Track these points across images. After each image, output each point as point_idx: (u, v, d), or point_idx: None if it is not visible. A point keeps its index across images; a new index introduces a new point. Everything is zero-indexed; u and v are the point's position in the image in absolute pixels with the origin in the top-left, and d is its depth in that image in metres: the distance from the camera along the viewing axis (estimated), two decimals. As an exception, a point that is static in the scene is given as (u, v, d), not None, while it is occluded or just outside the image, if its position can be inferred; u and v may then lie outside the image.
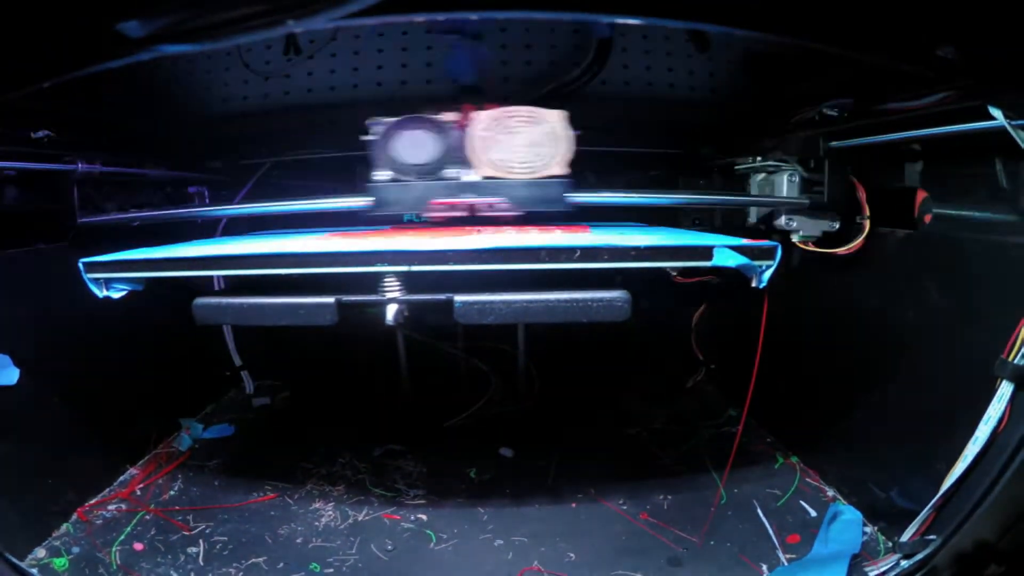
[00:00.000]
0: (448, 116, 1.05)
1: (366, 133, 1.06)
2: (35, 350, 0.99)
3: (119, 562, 1.00)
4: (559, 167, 1.04)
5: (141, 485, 1.23)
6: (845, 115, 1.04)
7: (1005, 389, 0.77)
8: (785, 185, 1.18)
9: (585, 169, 1.73)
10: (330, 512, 1.16)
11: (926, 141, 0.93)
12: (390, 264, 0.83)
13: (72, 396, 1.13)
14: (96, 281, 0.89)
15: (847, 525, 1.04)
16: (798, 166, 1.16)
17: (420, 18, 0.93)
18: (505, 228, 1.12)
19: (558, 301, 0.83)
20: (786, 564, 0.98)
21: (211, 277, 0.96)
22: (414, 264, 0.83)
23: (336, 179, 1.56)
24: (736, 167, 1.33)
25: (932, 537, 0.84)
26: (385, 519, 1.14)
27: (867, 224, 1.08)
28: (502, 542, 1.06)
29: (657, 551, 1.03)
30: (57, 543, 1.03)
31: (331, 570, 1.00)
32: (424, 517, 1.14)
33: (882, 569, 0.90)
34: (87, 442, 1.17)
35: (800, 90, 1.10)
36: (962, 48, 0.64)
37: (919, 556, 0.84)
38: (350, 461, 1.34)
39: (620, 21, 1.05)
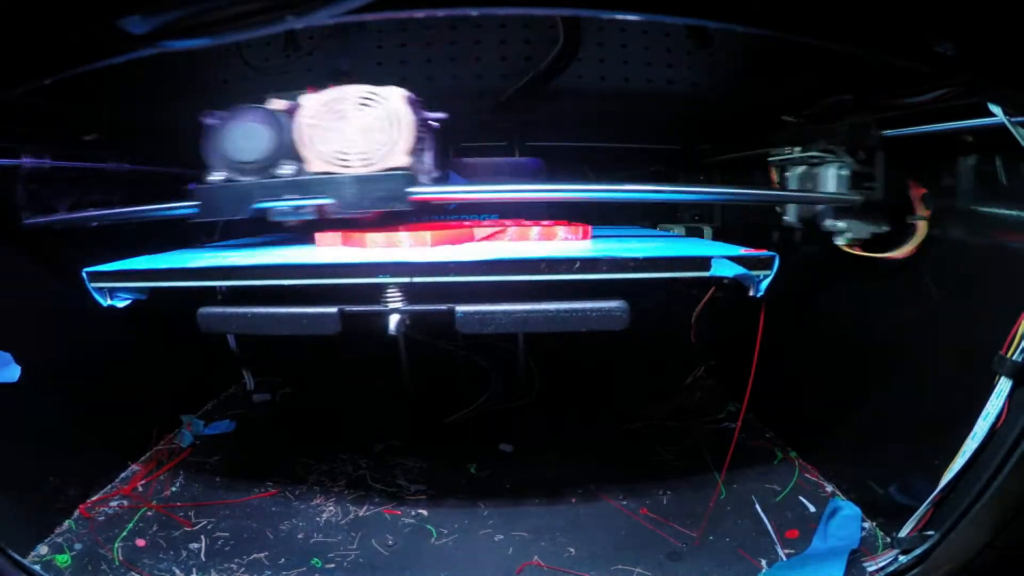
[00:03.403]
0: (281, 104, 0.92)
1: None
2: (36, 347, 0.99)
3: (121, 558, 1.00)
4: (400, 156, 0.90)
5: (143, 481, 1.23)
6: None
7: (1004, 385, 0.77)
8: (832, 179, 1.02)
9: (584, 165, 1.74)
10: (331, 508, 1.16)
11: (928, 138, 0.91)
12: (392, 275, 0.84)
13: (74, 393, 1.13)
14: (100, 290, 0.89)
15: (846, 520, 1.04)
16: (847, 156, 1.00)
17: (420, 14, 0.93)
18: (505, 226, 1.13)
19: (557, 311, 0.84)
20: (785, 559, 0.99)
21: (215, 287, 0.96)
22: (415, 276, 0.84)
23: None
24: (770, 158, 1.20)
25: (930, 532, 0.84)
26: (386, 514, 1.14)
27: (921, 225, 0.95)
28: (502, 537, 1.07)
29: (656, 546, 1.03)
30: (60, 540, 1.03)
31: (332, 565, 1.01)
32: (425, 512, 1.15)
33: (880, 564, 0.90)
34: (89, 439, 1.17)
35: (799, 86, 1.10)
36: (961, 45, 0.64)
37: (917, 551, 0.85)
38: (351, 457, 1.34)
39: (620, 17, 1.05)
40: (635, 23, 1.19)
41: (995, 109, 0.74)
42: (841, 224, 1.02)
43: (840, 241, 1.03)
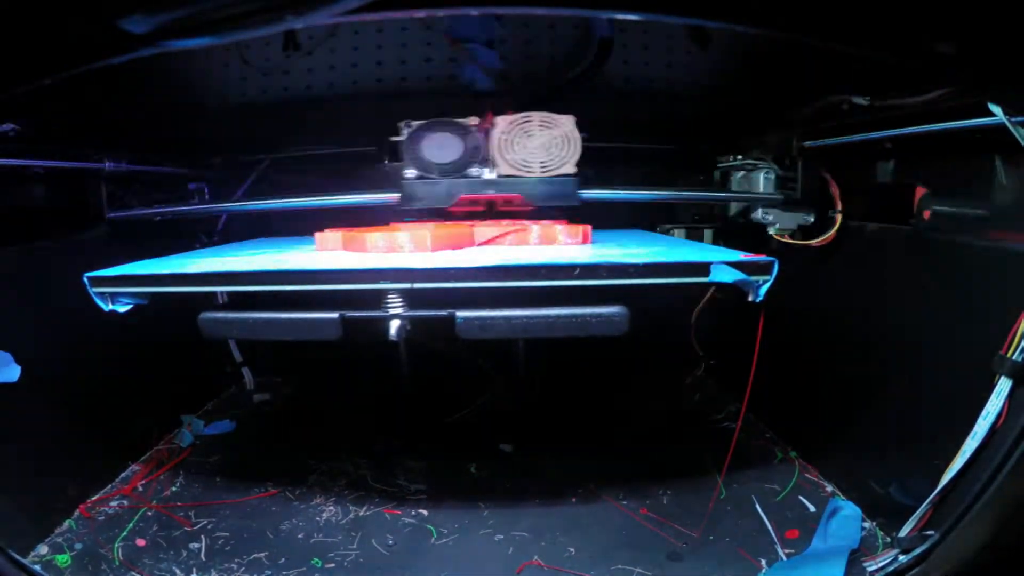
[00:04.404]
0: (471, 120, 1.17)
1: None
2: (37, 347, 0.99)
3: (121, 558, 1.00)
4: (570, 166, 1.17)
5: (143, 481, 1.23)
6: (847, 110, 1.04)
7: (1003, 385, 0.77)
8: (761, 181, 1.27)
9: (584, 165, 1.74)
10: (331, 508, 1.16)
11: (908, 139, 0.95)
12: (392, 282, 0.84)
13: (74, 393, 1.13)
14: (102, 296, 0.89)
15: (846, 520, 1.04)
16: (773, 164, 1.26)
17: (420, 14, 0.93)
18: (517, 222, 1.14)
19: (557, 317, 0.85)
20: (785, 559, 0.99)
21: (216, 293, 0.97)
22: (416, 282, 0.84)
23: (334, 175, 1.56)
24: (718, 165, 1.44)
25: (930, 532, 0.84)
26: (386, 514, 1.14)
27: (838, 218, 1.15)
28: (502, 537, 1.07)
29: (656, 546, 1.03)
30: (60, 539, 1.03)
31: (332, 565, 1.01)
32: (425, 512, 1.15)
33: (880, 564, 0.90)
34: (89, 439, 1.17)
35: (801, 85, 1.10)
36: (961, 45, 0.64)
37: (917, 551, 0.85)
38: (351, 457, 1.34)
39: (620, 17, 1.05)
40: (634, 23, 1.19)
41: (995, 109, 0.74)
42: (769, 217, 1.25)
43: (771, 231, 1.25)
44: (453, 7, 0.72)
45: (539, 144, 1.16)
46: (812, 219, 1.22)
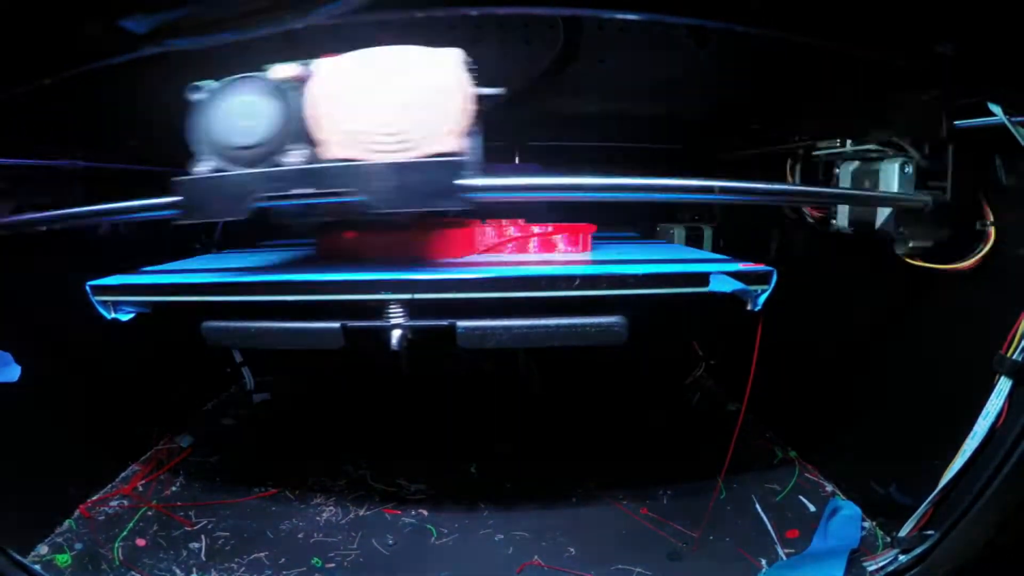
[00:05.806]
0: (287, 71, 0.70)
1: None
2: (37, 348, 0.99)
3: (121, 558, 1.00)
4: (451, 139, 0.67)
5: (143, 481, 1.23)
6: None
7: (1003, 384, 0.77)
8: (896, 177, 0.89)
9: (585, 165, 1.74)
10: (331, 507, 1.16)
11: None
12: (394, 292, 0.85)
13: (74, 393, 1.13)
14: (104, 304, 0.89)
15: (846, 520, 1.04)
16: (912, 151, 0.88)
17: (420, 14, 0.93)
18: (514, 223, 1.13)
19: (557, 326, 0.86)
20: (785, 559, 0.99)
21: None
22: (417, 292, 0.84)
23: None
24: (813, 154, 1.10)
25: (930, 532, 0.84)
26: (386, 514, 1.14)
27: (990, 232, 0.83)
28: (502, 537, 1.07)
29: (657, 546, 1.03)
30: (60, 539, 1.03)
31: (332, 565, 1.01)
32: (425, 512, 1.15)
33: (880, 564, 0.90)
34: (89, 439, 1.17)
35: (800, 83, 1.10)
36: (961, 45, 0.64)
37: (917, 551, 0.85)
38: (351, 457, 1.34)
39: (620, 17, 1.05)
40: (635, 22, 1.19)
41: (995, 109, 0.74)
42: (904, 230, 0.89)
43: (901, 250, 0.91)
44: (452, 7, 0.72)
45: (392, 101, 0.66)
46: (950, 233, 0.87)
